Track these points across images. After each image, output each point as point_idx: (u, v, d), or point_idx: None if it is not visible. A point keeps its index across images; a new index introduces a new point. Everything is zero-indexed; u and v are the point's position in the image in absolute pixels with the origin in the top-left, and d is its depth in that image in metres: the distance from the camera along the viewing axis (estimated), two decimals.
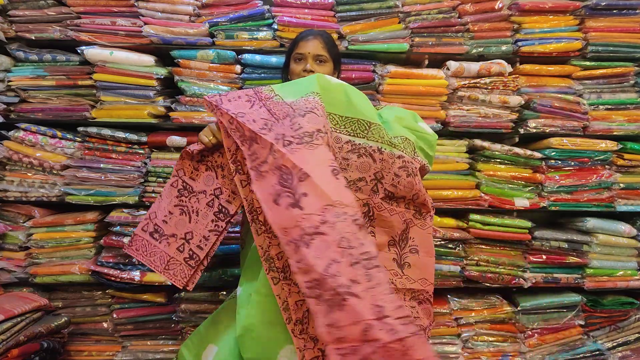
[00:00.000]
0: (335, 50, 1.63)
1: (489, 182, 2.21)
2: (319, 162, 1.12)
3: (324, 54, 1.57)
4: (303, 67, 1.55)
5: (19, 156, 2.11)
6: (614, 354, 2.29)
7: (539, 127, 2.23)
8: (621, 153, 2.28)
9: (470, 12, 2.19)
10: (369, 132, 1.30)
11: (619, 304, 2.30)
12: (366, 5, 2.16)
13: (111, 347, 2.22)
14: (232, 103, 1.28)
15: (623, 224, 2.23)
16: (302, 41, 1.59)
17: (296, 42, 1.62)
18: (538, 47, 2.21)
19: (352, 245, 1.03)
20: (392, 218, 1.33)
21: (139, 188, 2.13)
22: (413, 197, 1.36)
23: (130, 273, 2.07)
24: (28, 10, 2.10)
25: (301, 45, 1.58)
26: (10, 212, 2.17)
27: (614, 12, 2.24)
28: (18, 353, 1.70)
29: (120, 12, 2.10)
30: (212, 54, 2.11)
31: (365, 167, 1.28)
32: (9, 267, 2.12)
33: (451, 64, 2.17)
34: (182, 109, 2.15)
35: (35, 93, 2.12)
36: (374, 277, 1.01)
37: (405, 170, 1.32)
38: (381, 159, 1.29)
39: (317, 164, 1.11)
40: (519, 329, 2.25)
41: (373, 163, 1.29)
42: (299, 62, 1.58)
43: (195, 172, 1.41)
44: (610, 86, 2.29)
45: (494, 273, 2.20)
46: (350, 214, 1.06)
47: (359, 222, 1.06)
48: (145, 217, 1.43)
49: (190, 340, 1.51)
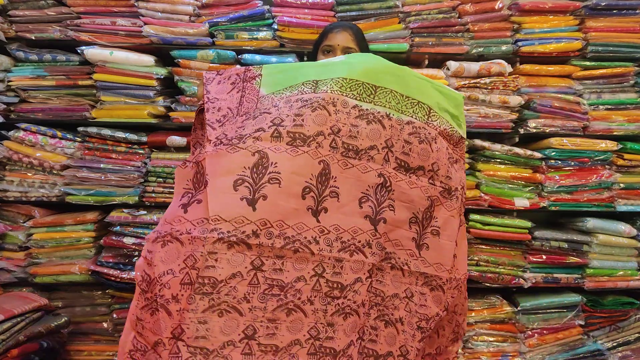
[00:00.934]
0: (364, 44, 1.61)
1: (489, 182, 2.21)
2: (227, 169, 1.08)
3: (353, 47, 1.55)
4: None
5: (19, 156, 2.11)
6: (614, 354, 2.29)
7: (539, 127, 2.23)
8: (621, 153, 2.28)
9: (470, 12, 2.19)
10: (375, 96, 1.22)
11: (619, 304, 2.30)
12: (366, 5, 2.16)
13: (111, 347, 2.22)
14: (218, 86, 1.27)
15: (623, 224, 2.23)
16: (331, 33, 1.58)
17: (325, 34, 1.61)
18: (538, 47, 2.21)
19: (197, 266, 1.01)
20: (411, 191, 1.22)
21: (139, 188, 2.13)
22: (433, 168, 1.26)
23: (130, 273, 2.07)
24: (28, 10, 2.10)
25: (330, 37, 1.57)
26: (10, 212, 2.17)
27: (614, 12, 2.24)
28: (18, 353, 1.70)
29: (120, 12, 2.10)
30: (212, 54, 2.11)
31: (375, 134, 1.19)
32: (9, 267, 2.12)
33: (451, 64, 2.17)
34: (182, 109, 2.15)
35: (35, 93, 2.12)
36: (193, 300, 1.00)
37: (417, 136, 1.23)
38: (390, 125, 1.21)
39: (224, 172, 1.08)
40: (519, 329, 2.25)
41: (383, 130, 1.19)
42: (328, 55, 1.56)
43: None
44: (610, 86, 2.29)
45: (494, 273, 2.20)
46: (223, 230, 1.01)
47: (226, 240, 1.01)
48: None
49: None
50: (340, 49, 1.54)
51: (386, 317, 1.17)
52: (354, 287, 1.11)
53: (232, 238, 1.01)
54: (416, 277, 1.23)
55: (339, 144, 1.14)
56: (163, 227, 1.08)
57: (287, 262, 1.06)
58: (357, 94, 1.20)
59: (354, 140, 1.16)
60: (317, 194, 1.11)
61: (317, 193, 1.11)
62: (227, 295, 1.00)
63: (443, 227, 1.28)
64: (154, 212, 2.13)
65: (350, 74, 1.21)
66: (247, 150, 1.09)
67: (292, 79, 1.25)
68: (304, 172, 1.10)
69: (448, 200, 1.29)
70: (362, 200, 1.16)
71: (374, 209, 1.17)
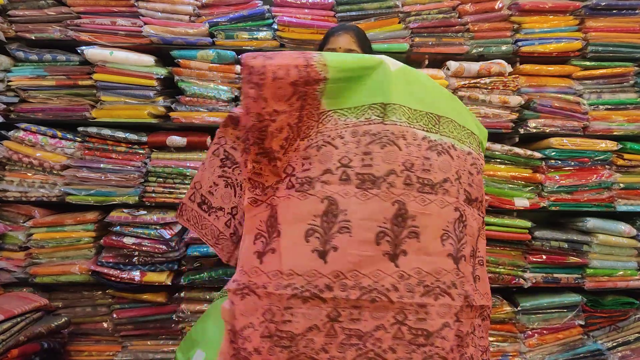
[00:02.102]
0: (367, 45, 1.60)
1: (489, 182, 2.21)
2: (299, 217, 1.03)
3: (356, 49, 1.54)
4: None
5: (19, 156, 2.11)
6: (614, 354, 2.29)
7: (539, 127, 2.23)
8: (621, 153, 2.27)
9: (470, 12, 2.19)
10: (440, 127, 1.15)
11: (619, 304, 2.30)
12: (366, 5, 2.16)
13: (111, 347, 2.22)
14: (274, 85, 1.00)
15: (623, 224, 2.23)
16: (333, 36, 1.57)
17: (327, 37, 1.60)
18: (538, 47, 2.21)
19: (275, 320, 0.99)
20: (473, 223, 1.16)
21: (139, 188, 2.13)
22: (482, 198, 1.22)
23: (130, 273, 2.07)
24: (28, 10, 2.10)
25: (332, 40, 1.56)
26: (10, 212, 2.17)
27: (614, 12, 2.24)
28: (18, 353, 1.70)
29: (120, 12, 2.10)
30: (212, 54, 2.11)
31: (447, 166, 1.11)
32: (9, 267, 2.12)
33: (451, 64, 2.17)
34: (182, 109, 2.15)
35: (35, 93, 2.12)
36: (273, 352, 0.99)
37: (475, 167, 1.18)
38: (457, 155, 1.14)
39: (295, 219, 1.03)
40: (519, 329, 2.25)
41: (452, 161, 1.12)
42: None
43: (238, 142, 1.32)
44: (610, 86, 2.29)
45: (494, 273, 2.20)
46: (297, 286, 0.98)
47: (299, 295, 0.99)
48: (190, 187, 1.39)
49: (183, 343, 1.49)
50: (343, 51, 1.52)
51: (464, 357, 1.10)
52: (441, 334, 1.04)
53: (306, 293, 0.99)
54: (477, 310, 1.17)
55: (413, 180, 1.06)
56: (241, 278, 1.04)
57: (364, 311, 1.01)
58: (424, 125, 1.12)
59: (428, 174, 1.07)
60: (393, 237, 1.03)
61: (392, 236, 1.03)
62: (305, 347, 0.99)
63: (484, 256, 1.24)
64: (154, 212, 2.13)
65: (413, 103, 1.13)
66: (317, 197, 1.03)
67: (356, 92, 1.14)
68: (376, 217, 1.02)
69: (484, 228, 1.26)
70: (444, 238, 1.08)
71: (455, 246, 1.09)
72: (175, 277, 2.15)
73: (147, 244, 2.07)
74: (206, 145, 2.16)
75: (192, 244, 2.13)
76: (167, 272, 2.12)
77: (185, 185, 2.15)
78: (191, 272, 2.14)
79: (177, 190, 2.15)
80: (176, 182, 2.16)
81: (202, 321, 1.49)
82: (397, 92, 1.11)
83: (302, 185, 1.05)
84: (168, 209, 2.18)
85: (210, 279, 2.12)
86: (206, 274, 2.12)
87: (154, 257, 2.10)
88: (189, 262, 2.14)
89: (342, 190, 1.03)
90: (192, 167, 2.15)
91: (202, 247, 2.11)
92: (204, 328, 1.44)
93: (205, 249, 2.10)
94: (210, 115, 2.13)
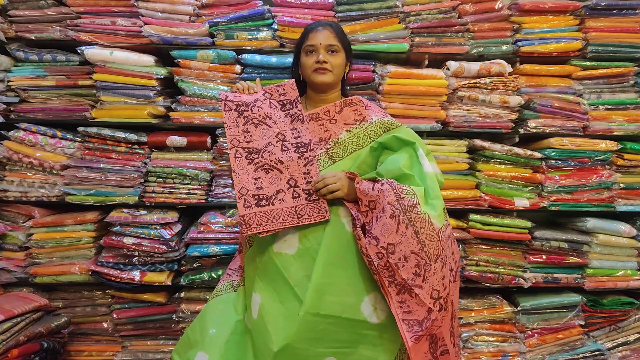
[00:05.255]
0: (346, 40, 1.58)
1: (489, 182, 2.21)
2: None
3: (336, 44, 1.51)
4: (315, 58, 1.48)
5: (19, 156, 2.11)
6: (614, 354, 2.29)
7: (539, 127, 2.23)
8: (621, 153, 2.28)
9: (470, 12, 2.19)
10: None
11: (619, 304, 2.30)
12: (366, 5, 2.16)
13: (111, 347, 2.22)
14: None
15: (623, 224, 2.23)
16: (312, 33, 1.52)
17: (305, 34, 1.55)
18: (538, 47, 2.21)
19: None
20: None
21: (139, 188, 2.13)
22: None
23: (130, 273, 2.08)
24: (28, 10, 2.10)
25: (311, 37, 1.52)
26: (10, 212, 2.17)
27: (614, 12, 2.24)
28: (18, 353, 1.70)
29: (120, 12, 2.10)
30: (212, 54, 2.11)
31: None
32: (9, 267, 2.12)
33: (451, 64, 2.17)
34: (182, 109, 2.15)
35: (35, 93, 2.12)
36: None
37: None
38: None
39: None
40: (519, 329, 2.25)
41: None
42: (311, 55, 1.51)
43: (248, 135, 1.39)
44: (610, 86, 2.29)
45: (493, 273, 2.20)
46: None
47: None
48: (238, 198, 1.35)
49: (179, 346, 1.47)
50: (323, 47, 1.49)
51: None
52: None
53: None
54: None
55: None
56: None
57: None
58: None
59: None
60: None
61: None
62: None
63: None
64: (154, 212, 2.13)
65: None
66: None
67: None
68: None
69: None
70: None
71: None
72: (175, 277, 2.15)
73: (147, 244, 2.07)
74: (206, 145, 2.17)
75: (192, 244, 2.13)
76: (167, 272, 2.12)
77: (185, 185, 2.15)
78: (191, 272, 2.14)
79: (177, 190, 2.15)
80: (176, 182, 2.16)
81: (200, 322, 1.46)
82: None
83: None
84: (168, 209, 2.18)
85: (210, 279, 2.12)
86: (206, 274, 2.12)
87: (153, 257, 2.10)
88: (189, 262, 2.14)
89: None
90: (192, 167, 2.15)
91: (202, 247, 2.11)
92: (203, 329, 1.42)
93: (205, 249, 2.10)
94: (210, 115, 2.13)
